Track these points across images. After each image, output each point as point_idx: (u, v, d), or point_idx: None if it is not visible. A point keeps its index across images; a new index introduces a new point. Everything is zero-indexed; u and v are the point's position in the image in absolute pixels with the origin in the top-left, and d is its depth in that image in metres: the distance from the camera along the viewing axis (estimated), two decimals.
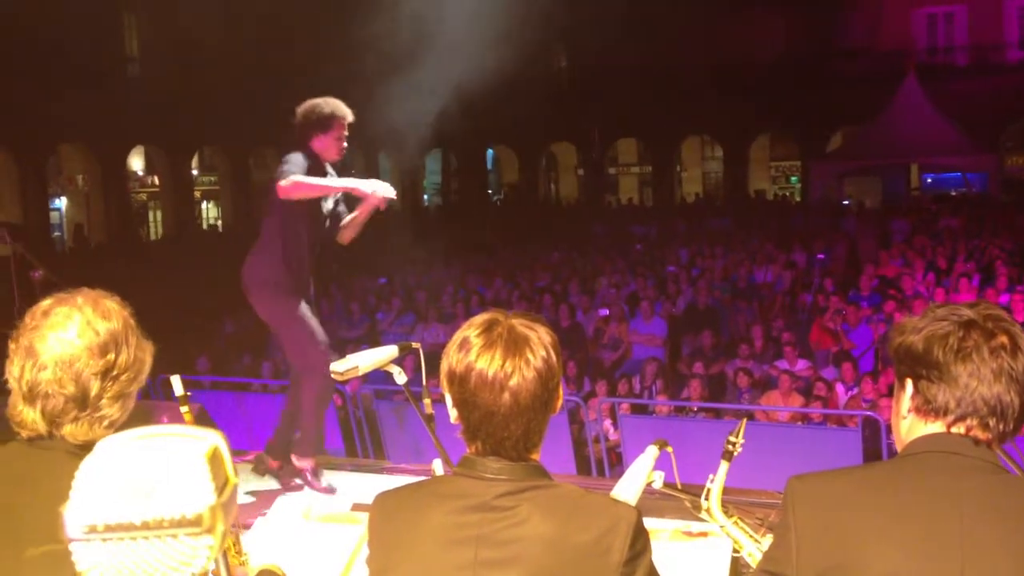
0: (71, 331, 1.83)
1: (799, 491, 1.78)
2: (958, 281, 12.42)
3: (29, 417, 1.83)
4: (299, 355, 5.24)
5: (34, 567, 1.65)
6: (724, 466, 2.91)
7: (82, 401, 1.82)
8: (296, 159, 4.99)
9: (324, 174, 5.16)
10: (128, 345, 1.88)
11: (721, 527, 2.90)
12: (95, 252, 22.94)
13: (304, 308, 5.14)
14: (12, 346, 1.86)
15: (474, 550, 1.79)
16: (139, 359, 1.91)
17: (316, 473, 5.30)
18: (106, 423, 1.85)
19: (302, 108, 5.12)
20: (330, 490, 5.26)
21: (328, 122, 5.08)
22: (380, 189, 5.03)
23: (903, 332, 1.81)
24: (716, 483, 2.89)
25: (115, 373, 1.85)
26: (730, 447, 2.91)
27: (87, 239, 24.54)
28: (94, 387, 1.82)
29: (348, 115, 5.15)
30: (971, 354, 1.71)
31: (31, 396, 1.82)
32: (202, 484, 1.16)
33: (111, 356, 1.84)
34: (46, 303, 1.88)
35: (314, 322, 5.15)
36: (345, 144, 5.20)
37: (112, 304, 1.91)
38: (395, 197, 5.11)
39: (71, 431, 1.83)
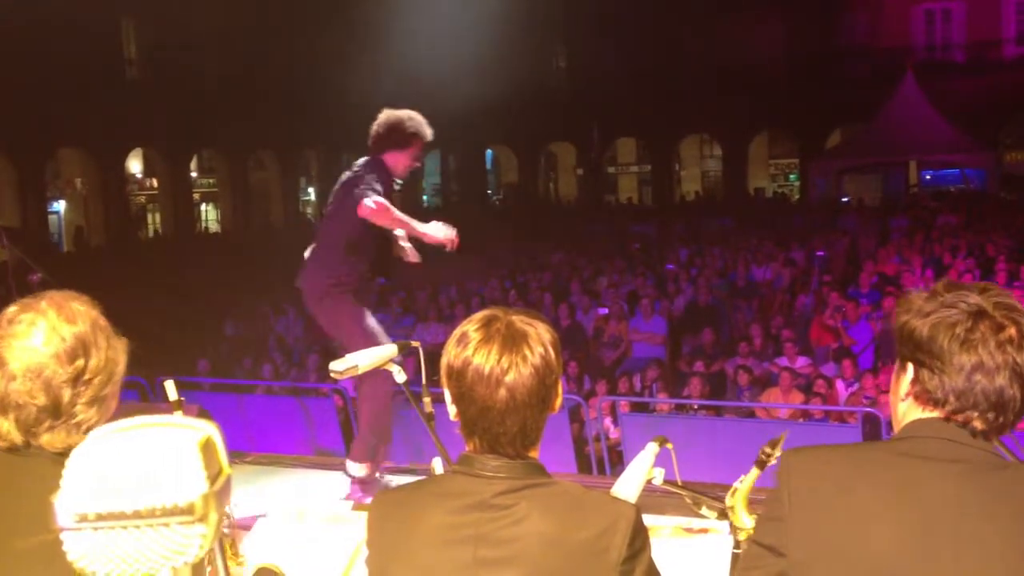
0: (36, 339, 1.75)
1: (794, 464, 1.77)
2: (958, 278, 12.42)
3: (4, 427, 1.76)
4: None
5: (26, 559, 1.64)
6: (755, 472, 2.81)
7: (55, 410, 1.75)
8: (375, 178, 4.88)
9: (391, 188, 5.06)
10: (98, 347, 1.80)
11: (741, 528, 2.82)
12: (94, 255, 22.94)
13: (368, 315, 5.03)
14: None
15: (473, 549, 1.78)
16: (111, 360, 1.83)
17: (366, 483, 5.09)
18: (84, 428, 1.77)
19: (387, 119, 5.00)
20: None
21: (409, 140, 5.00)
22: (441, 234, 4.94)
23: (909, 311, 1.73)
24: (744, 484, 2.79)
25: (87, 378, 1.78)
26: (764, 457, 2.82)
27: (87, 242, 24.52)
28: (66, 395, 1.76)
29: (429, 136, 5.07)
30: (977, 346, 1.65)
31: (3, 406, 1.75)
32: (195, 472, 1.14)
33: (80, 362, 1.77)
34: (11, 310, 1.80)
35: (378, 329, 4.99)
36: (418, 163, 5.15)
37: (79, 306, 1.82)
38: (452, 241, 4.98)
39: (48, 440, 1.76)
